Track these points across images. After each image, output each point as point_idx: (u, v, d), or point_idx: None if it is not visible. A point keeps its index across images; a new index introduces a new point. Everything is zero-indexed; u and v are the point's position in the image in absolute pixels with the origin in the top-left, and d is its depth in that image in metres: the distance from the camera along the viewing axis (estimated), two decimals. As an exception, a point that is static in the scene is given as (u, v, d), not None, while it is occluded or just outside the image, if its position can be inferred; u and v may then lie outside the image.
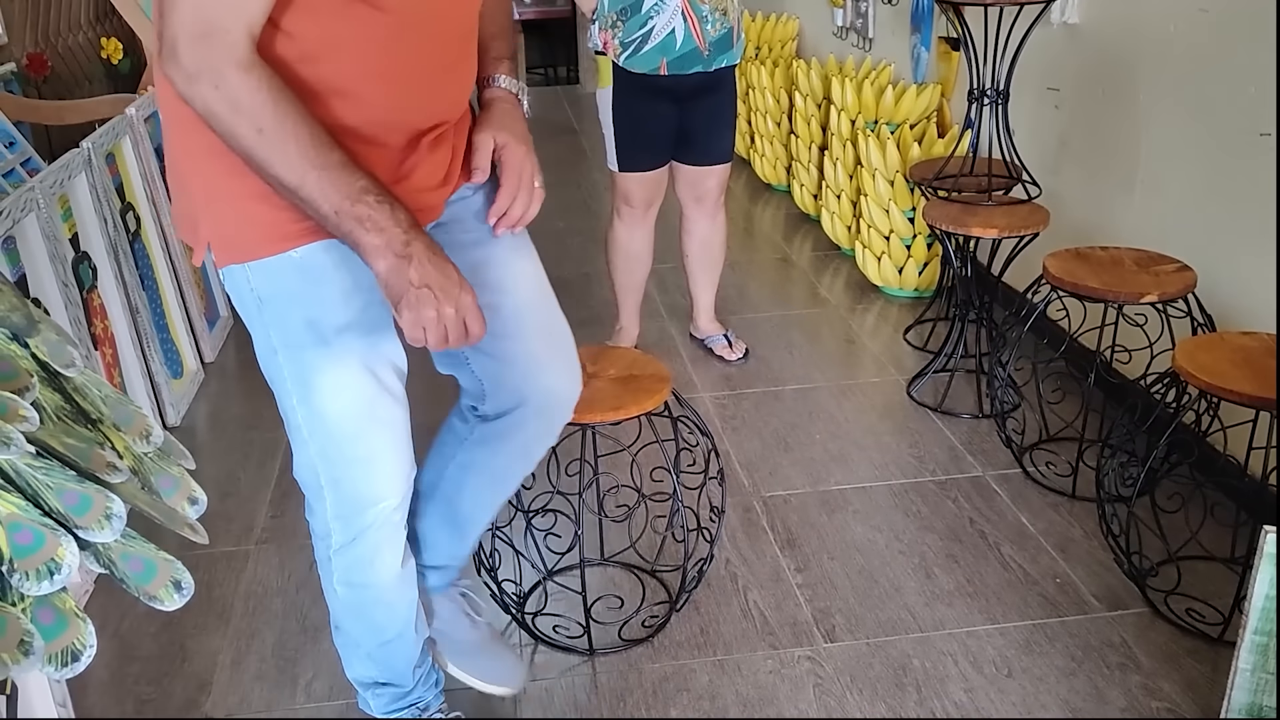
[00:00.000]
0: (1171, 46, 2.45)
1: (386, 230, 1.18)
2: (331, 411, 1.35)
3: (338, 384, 1.34)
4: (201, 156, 1.22)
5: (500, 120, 1.41)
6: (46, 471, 0.99)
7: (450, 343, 1.23)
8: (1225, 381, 1.82)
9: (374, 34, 1.20)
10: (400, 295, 1.20)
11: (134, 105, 2.90)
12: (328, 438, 1.37)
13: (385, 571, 1.48)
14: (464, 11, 1.34)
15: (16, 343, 1.11)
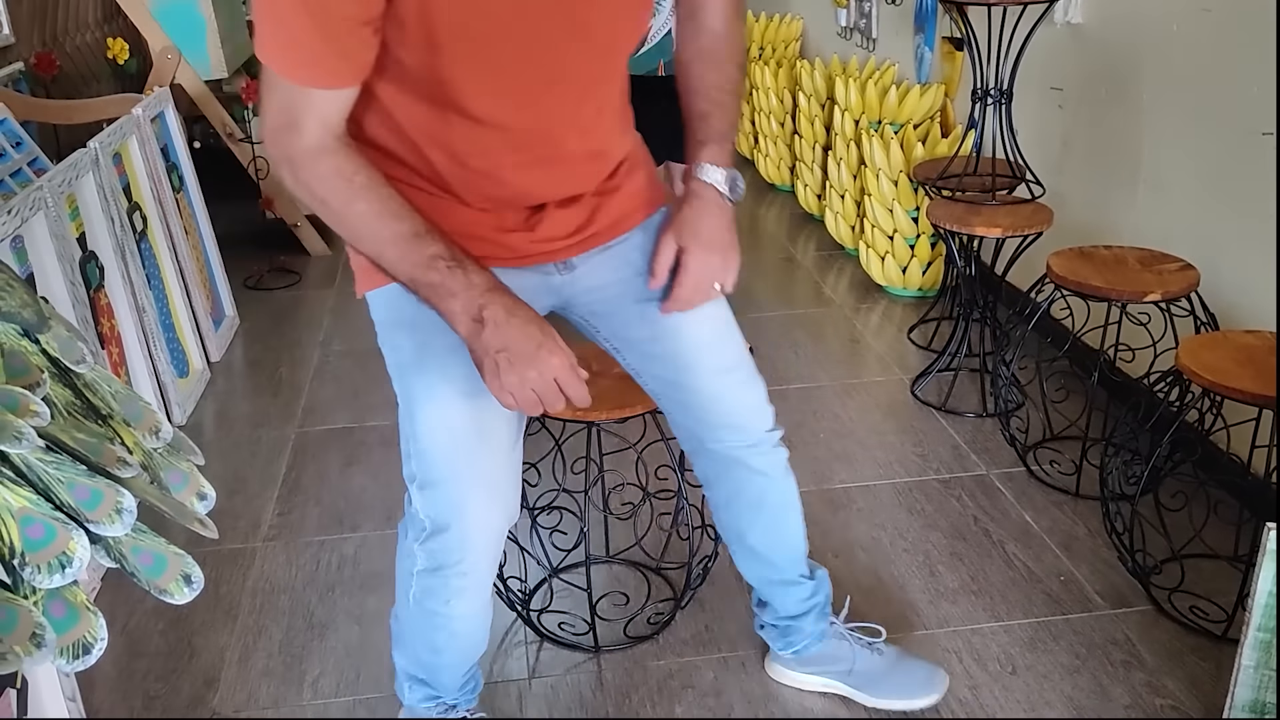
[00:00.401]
0: (1174, 46, 2.45)
1: (459, 295, 1.19)
2: (426, 437, 1.36)
3: (437, 413, 1.35)
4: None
5: (689, 223, 1.37)
6: (58, 466, 1.00)
7: (546, 407, 1.22)
8: (1228, 380, 1.82)
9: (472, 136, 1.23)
10: (481, 361, 1.21)
11: (140, 105, 2.91)
12: (422, 461, 1.38)
13: (462, 609, 1.47)
14: (574, 114, 1.29)
15: (28, 339, 1.12)
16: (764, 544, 1.65)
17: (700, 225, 1.37)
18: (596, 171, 1.38)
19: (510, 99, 1.22)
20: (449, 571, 1.42)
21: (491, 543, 1.42)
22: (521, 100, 1.23)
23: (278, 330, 3.41)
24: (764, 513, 1.63)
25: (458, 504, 1.38)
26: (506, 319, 1.19)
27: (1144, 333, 2.37)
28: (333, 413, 2.85)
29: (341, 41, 1.12)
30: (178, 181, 3.14)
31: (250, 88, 3.61)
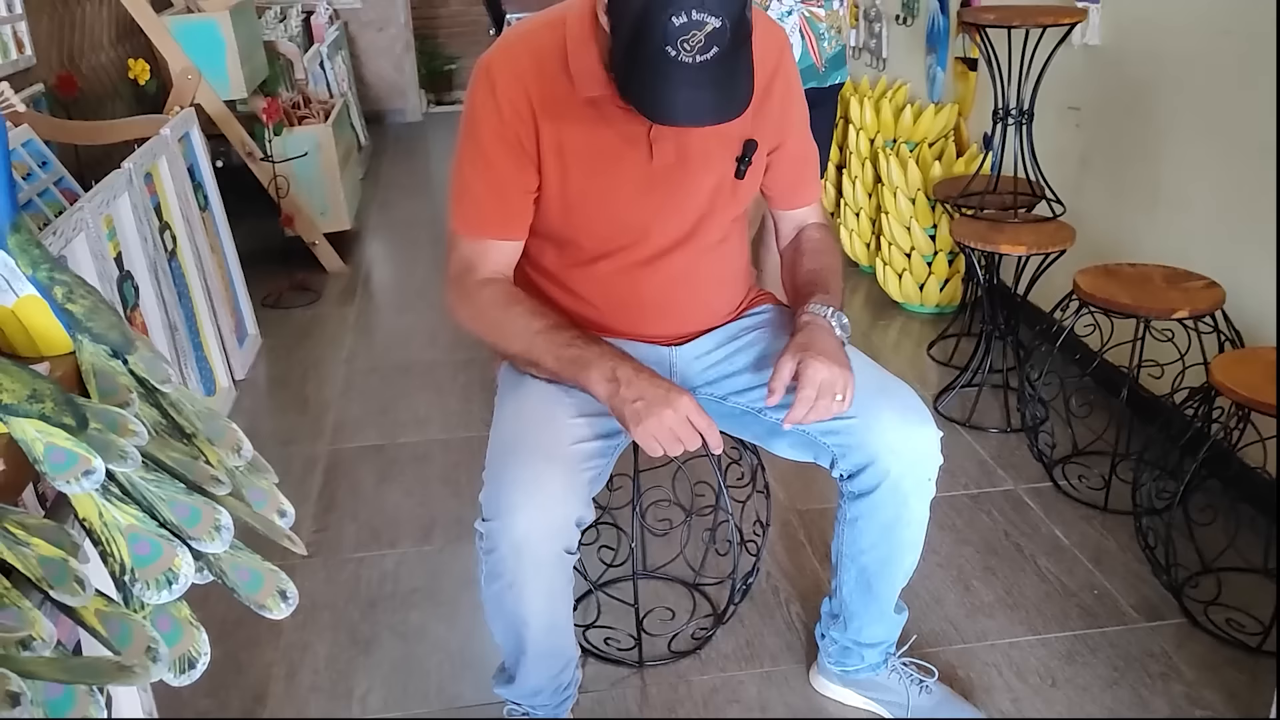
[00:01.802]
0: (1193, 67, 2.49)
1: (594, 364, 1.43)
2: (494, 434, 1.53)
3: (510, 411, 1.54)
4: None
5: (804, 339, 1.46)
6: (158, 484, 1.02)
7: (685, 445, 1.39)
8: (1262, 395, 1.86)
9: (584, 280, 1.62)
10: (621, 413, 1.40)
11: (168, 126, 2.94)
12: (496, 437, 1.52)
13: (531, 602, 1.47)
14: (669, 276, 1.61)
15: (116, 359, 1.14)
16: (876, 568, 1.66)
17: (816, 342, 1.46)
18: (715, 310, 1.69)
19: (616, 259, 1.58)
20: (502, 552, 1.43)
21: (532, 548, 1.41)
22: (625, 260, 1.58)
23: (300, 348, 3.42)
24: (892, 538, 1.63)
25: (507, 501, 1.40)
26: (635, 375, 1.41)
27: (1165, 349, 2.40)
28: (362, 429, 2.86)
29: (512, 205, 1.53)
30: (203, 200, 3.16)
31: (271, 107, 3.64)
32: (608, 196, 1.53)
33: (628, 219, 1.55)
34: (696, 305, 1.67)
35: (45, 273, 1.10)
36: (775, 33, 1.61)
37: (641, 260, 1.59)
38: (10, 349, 1.12)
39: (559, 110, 1.47)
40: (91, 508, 0.97)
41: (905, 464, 1.53)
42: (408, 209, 5.04)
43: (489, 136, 1.50)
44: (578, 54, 1.44)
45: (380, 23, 6.48)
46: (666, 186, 1.54)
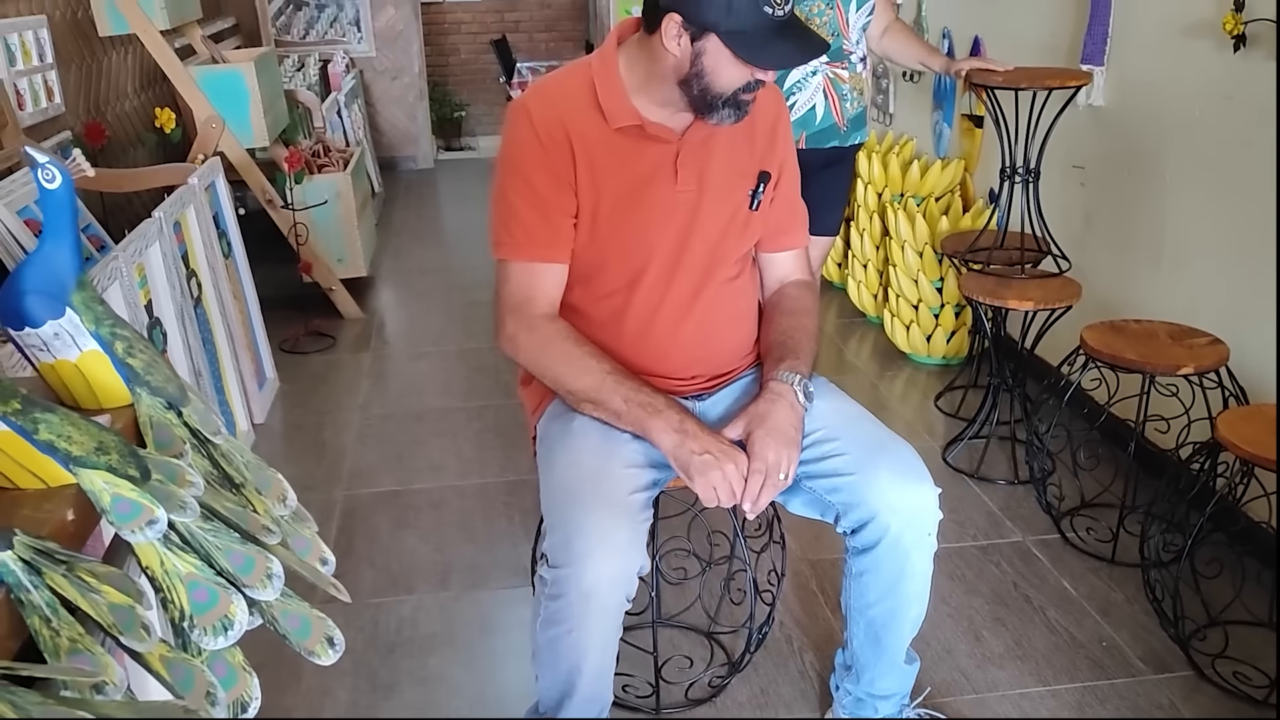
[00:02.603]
0: (1196, 130, 2.57)
1: (664, 412, 1.53)
2: (555, 482, 1.56)
3: (568, 459, 1.57)
4: None
5: (763, 409, 1.58)
6: (215, 534, 1.06)
7: (736, 497, 1.51)
8: (1265, 451, 1.90)
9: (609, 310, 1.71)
10: (687, 463, 1.50)
11: (196, 175, 3.01)
12: (548, 504, 1.56)
13: (589, 649, 1.50)
14: (685, 308, 1.70)
15: (171, 411, 1.19)
16: (884, 620, 1.70)
17: (771, 416, 1.57)
18: (720, 359, 1.76)
19: (639, 290, 1.67)
20: (568, 599, 1.47)
21: (600, 596, 1.45)
22: (643, 292, 1.67)
23: (316, 393, 3.48)
24: (897, 592, 1.66)
25: (578, 550, 1.44)
26: (700, 430, 1.53)
27: (1169, 404, 2.45)
28: (378, 476, 2.91)
29: (557, 227, 1.62)
30: (227, 248, 3.23)
31: (293, 156, 3.72)
32: (635, 220, 1.64)
33: (652, 243, 1.65)
34: (714, 342, 1.74)
35: (108, 328, 1.15)
36: (773, 88, 1.77)
37: (662, 290, 1.68)
38: (74, 401, 1.17)
39: (592, 141, 1.61)
40: (154, 556, 1.01)
41: (904, 520, 1.58)
42: (421, 256, 5.12)
43: (531, 164, 1.61)
44: (606, 89, 1.61)
45: (394, 71, 6.60)
46: (689, 211, 1.66)
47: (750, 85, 1.56)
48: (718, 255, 1.70)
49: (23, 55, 3.22)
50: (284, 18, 6.36)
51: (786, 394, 1.59)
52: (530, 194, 1.61)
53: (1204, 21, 2.49)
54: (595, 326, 1.69)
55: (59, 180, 1.11)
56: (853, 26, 2.58)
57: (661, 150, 1.63)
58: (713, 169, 1.67)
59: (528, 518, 2.64)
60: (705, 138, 1.66)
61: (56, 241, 1.13)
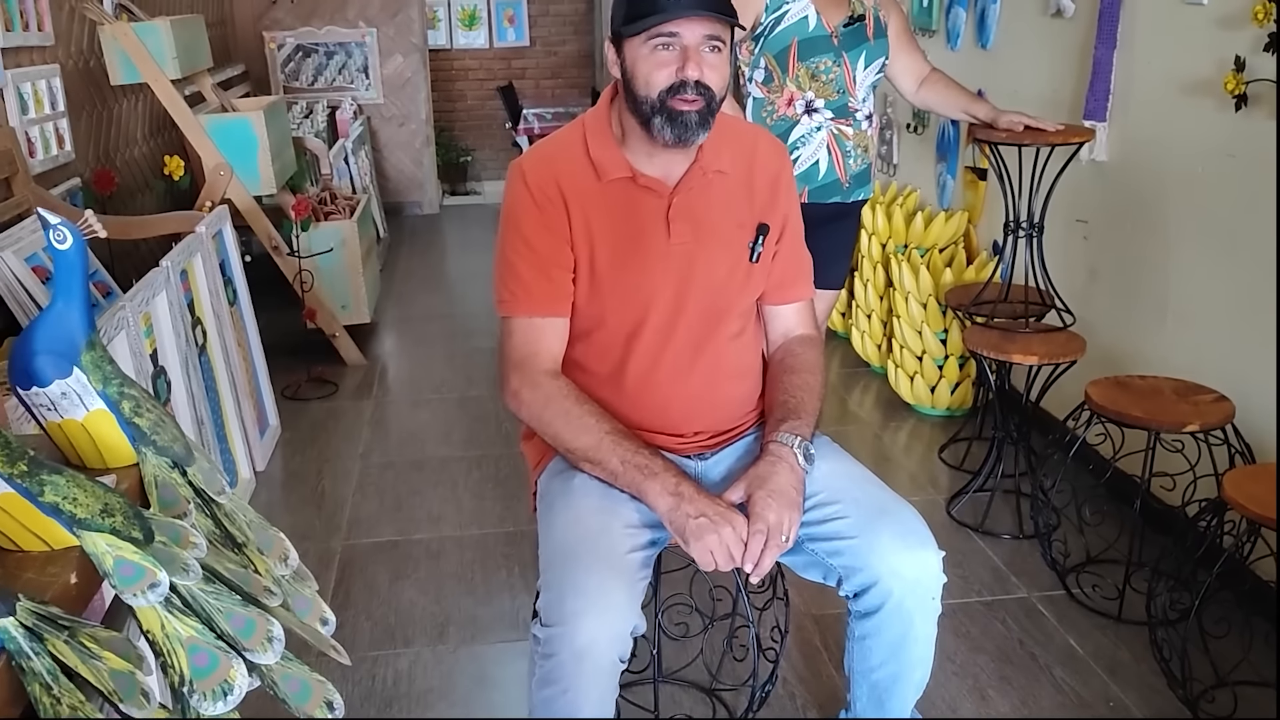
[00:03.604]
0: (1199, 187, 2.58)
1: (659, 475, 1.52)
2: (552, 542, 1.55)
3: (567, 518, 1.56)
4: None
5: (764, 471, 1.57)
6: (217, 596, 1.05)
7: (735, 561, 1.48)
8: (1273, 511, 1.89)
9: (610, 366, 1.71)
10: (683, 527, 1.49)
11: (204, 223, 3.03)
12: (546, 563, 1.54)
13: (584, 709, 1.47)
14: (687, 364, 1.70)
15: (177, 470, 1.18)
16: (887, 684, 1.68)
17: (773, 478, 1.56)
18: (717, 414, 1.75)
19: (640, 344, 1.68)
20: (561, 659, 1.45)
21: (594, 656, 1.43)
22: (644, 347, 1.67)
23: (317, 441, 3.47)
24: (900, 655, 1.65)
25: (572, 609, 1.43)
26: (697, 493, 1.51)
27: (1175, 459, 2.44)
28: (377, 526, 2.89)
29: (556, 283, 1.64)
30: (232, 295, 3.24)
31: (300, 205, 3.74)
32: (631, 273, 1.65)
33: (649, 295, 1.65)
34: (716, 397, 1.73)
35: (115, 388, 1.15)
36: (775, 141, 1.81)
37: (661, 344, 1.68)
38: (80, 460, 1.17)
39: (585, 195, 1.64)
40: (155, 619, 1.01)
41: (907, 585, 1.56)
42: (425, 303, 5.13)
43: (528, 223, 1.64)
44: (597, 143, 1.65)
45: (402, 118, 6.66)
46: (685, 263, 1.66)
47: (676, 87, 1.54)
48: (718, 308, 1.70)
49: (35, 104, 3.26)
50: (293, 64, 6.43)
51: (787, 456, 1.58)
52: (529, 252, 1.64)
53: (1205, 81, 2.51)
54: (597, 382, 1.69)
55: (70, 241, 1.11)
56: (859, 84, 2.61)
57: (654, 202, 1.65)
58: (709, 221, 1.67)
59: (527, 570, 2.62)
60: (700, 189, 1.66)
61: (68, 301, 1.13)
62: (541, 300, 1.65)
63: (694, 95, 1.55)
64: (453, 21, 8.34)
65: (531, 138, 7.59)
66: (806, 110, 2.60)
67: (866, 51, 2.59)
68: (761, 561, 1.50)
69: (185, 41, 3.78)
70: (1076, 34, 3.05)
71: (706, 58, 1.56)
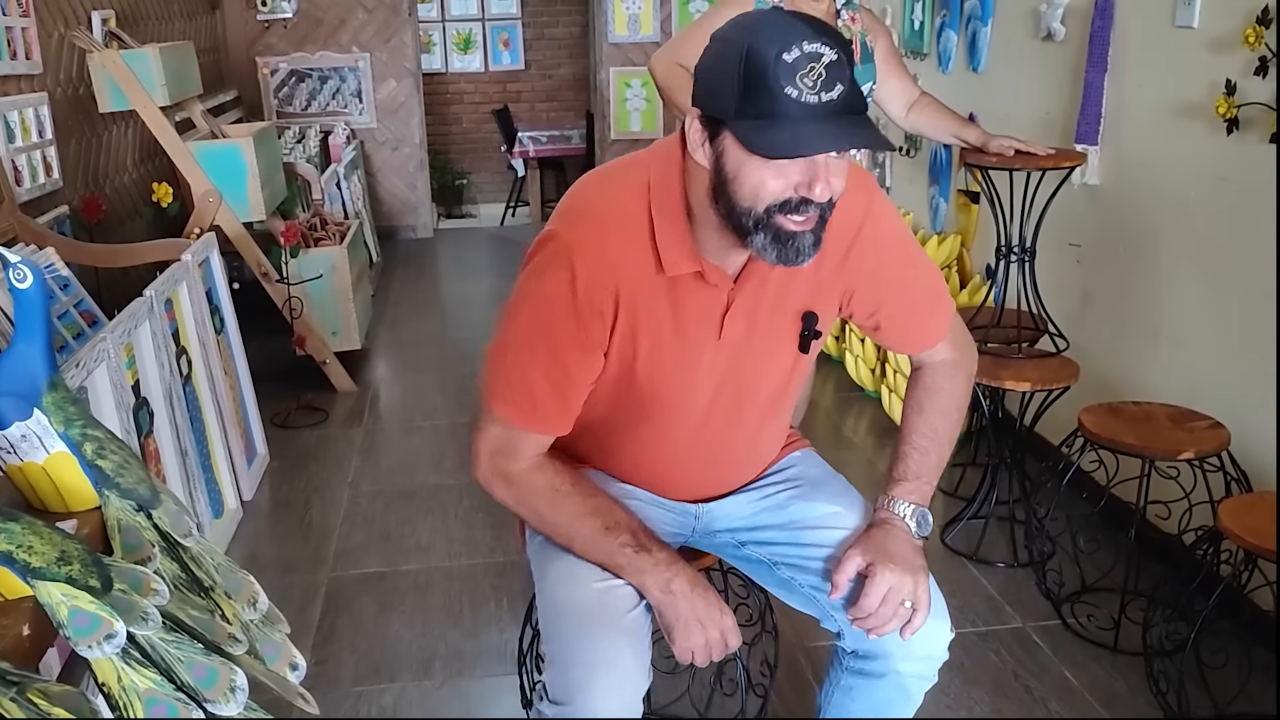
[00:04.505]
0: (1191, 211, 2.56)
1: (647, 573, 1.40)
2: (559, 617, 1.44)
3: (571, 593, 1.43)
4: None
5: (879, 543, 1.45)
6: (178, 645, 1.03)
7: (714, 658, 1.41)
8: (1269, 542, 1.86)
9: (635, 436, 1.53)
10: (671, 626, 1.39)
11: (189, 251, 3.00)
12: (553, 637, 1.44)
13: None
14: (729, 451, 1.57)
15: (142, 513, 1.16)
16: None
17: (889, 546, 1.44)
18: (747, 472, 1.64)
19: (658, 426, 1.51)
20: None
21: (617, 708, 1.39)
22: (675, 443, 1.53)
23: (306, 470, 3.43)
24: (885, 713, 1.57)
25: (580, 682, 1.38)
26: (691, 590, 1.39)
27: (1171, 486, 2.40)
28: (365, 557, 2.86)
29: (570, 404, 1.43)
30: (219, 323, 3.22)
31: (289, 231, 3.72)
32: (673, 376, 1.44)
33: (687, 397, 1.47)
34: (734, 467, 1.62)
35: (78, 429, 1.13)
36: (864, 181, 1.44)
37: (688, 429, 1.52)
38: (40, 504, 1.14)
39: (640, 291, 1.36)
40: (111, 672, 0.98)
41: (915, 662, 1.50)
42: (417, 328, 5.10)
43: (563, 335, 1.37)
44: (665, 228, 1.34)
45: (395, 142, 6.66)
46: (731, 363, 1.46)
47: (790, 204, 1.23)
48: (756, 400, 1.53)
49: (21, 132, 3.24)
50: (287, 89, 6.43)
51: (899, 524, 1.47)
52: (552, 365, 1.38)
53: (1196, 104, 2.50)
54: (593, 448, 1.56)
55: (30, 280, 1.09)
56: None
57: (713, 298, 1.39)
58: (763, 315, 1.43)
59: (515, 601, 2.59)
60: (760, 280, 1.40)
61: (29, 341, 1.11)
62: (546, 420, 1.43)
63: (812, 212, 1.25)
64: (448, 45, 8.36)
65: (526, 160, 7.59)
66: None
67: None
68: (885, 626, 1.41)
69: (174, 68, 3.77)
70: (1068, 57, 3.04)
71: (833, 165, 1.24)
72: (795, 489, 1.62)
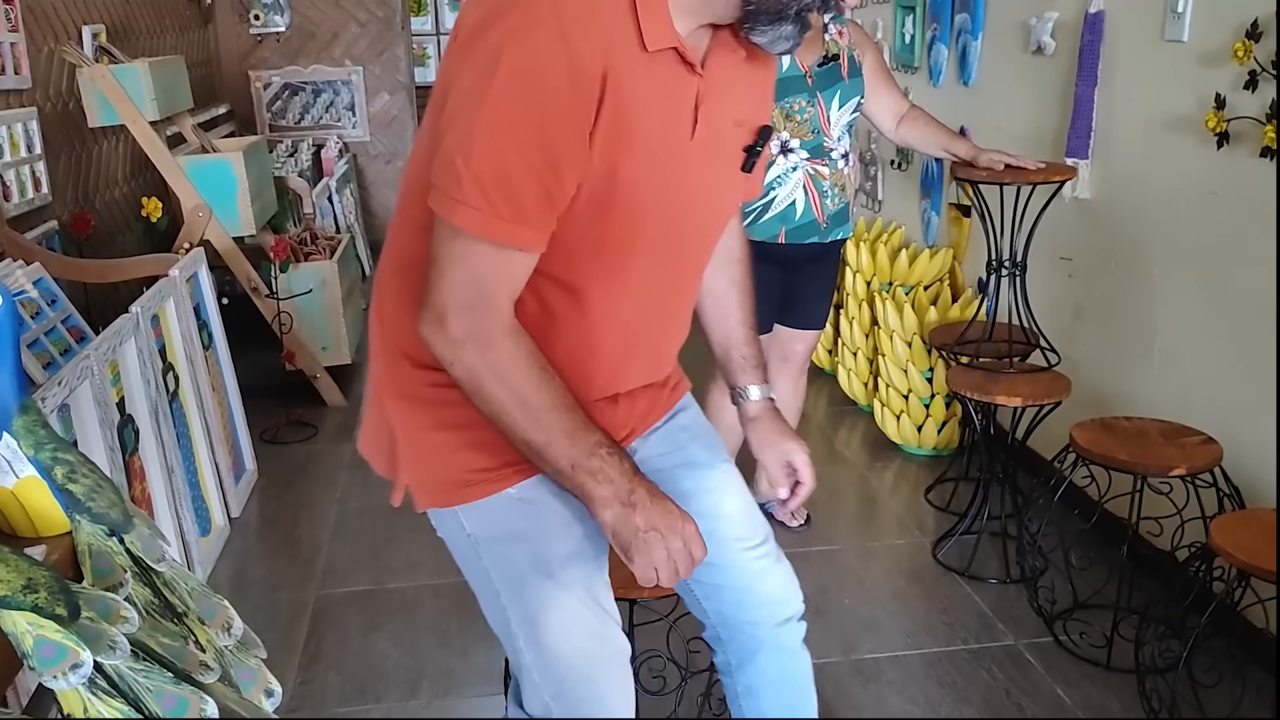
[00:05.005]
0: (1182, 225, 2.55)
1: (615, 481, 1.20)
2: (565, 650, 1.34)
3: (567, 620, 1.33)
4: (410, 407, 1.30)
5: (773, 433, 1.54)
6: (146, 674, 1.00)
7: (681, 574, 1.23)
8: (1262, 561, 1.85)
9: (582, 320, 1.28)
10: (629, 542, 1.21)
11: (177, 267, 2.99)
12: (562, 680, 1.35)
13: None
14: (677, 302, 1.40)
15: (113, 538, 1.14)
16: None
17: (781, 428, 1.54)
18: (671, 358, 1.49)
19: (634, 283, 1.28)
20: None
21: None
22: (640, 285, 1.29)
23: (294, 486, 3.41)
24: (787, 691, 1.58)
25: (603, 700, 1.35)
26: (651, 501, 1.21)
27: (1164, 502, 2.39)
28: (352, 574, 2.83)
29: (555, 205, 1.15)
30: (207, 339, 3.20)
31: (279, 246, 3.71)
32: (654, 182, 1.22)
33: (660, 214, 1.24)
34: (670, 336, 1.44)
35: (48, 453, 1.11)
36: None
37: (662, 271, 1.31)
38: (10, 529, 1.12)
39: (625, 72, 1.14)
40: (77, 702, 0.96)
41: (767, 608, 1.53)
42: (409, 340, 5.08)
43: (553, 110, 1.10)
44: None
45: (388, 155, 6.65)
46: (699, 179, 1.28)
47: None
48: (711, 237, 1.39)
49: (10, 147, 3.23)
50: (280, 103, 6.42)
51: (770, 406, 1.56)
52: (537, 153, 1.11)
53: (1186, 118, 2.49)
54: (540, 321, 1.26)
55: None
56: (834, 123, 2.58)
57: (687, 85, 1.21)
58: (719, 115, 1.26)
59: (506, 619, 2.56)
60: (728, 71, 1.26)
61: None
62: (531, 226, 1.15)
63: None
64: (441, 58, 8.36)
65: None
66: (782, 150, 2.57)
67: (841, 91, 2.57)
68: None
69: (164, 83, 3.77)
70: (1058, 71, 3.04)
71: None
72: (682, 456, 1.50)
